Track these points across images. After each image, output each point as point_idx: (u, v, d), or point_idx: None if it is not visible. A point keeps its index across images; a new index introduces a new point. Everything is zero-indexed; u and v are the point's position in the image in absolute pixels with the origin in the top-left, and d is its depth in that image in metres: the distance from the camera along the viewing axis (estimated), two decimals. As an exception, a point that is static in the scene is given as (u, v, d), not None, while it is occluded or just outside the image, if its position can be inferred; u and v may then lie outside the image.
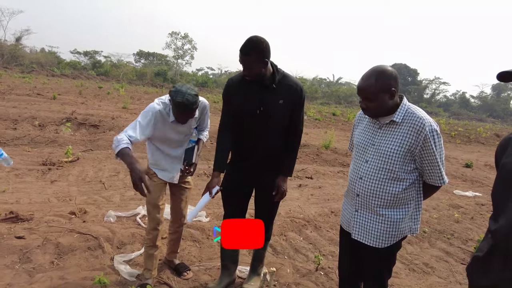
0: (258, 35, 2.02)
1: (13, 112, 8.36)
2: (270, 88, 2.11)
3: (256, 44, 1.98)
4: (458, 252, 3.83)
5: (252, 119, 2.15)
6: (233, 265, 2.58)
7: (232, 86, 2.23)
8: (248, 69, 2.03)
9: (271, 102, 2.11)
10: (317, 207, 4.72)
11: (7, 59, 38.52)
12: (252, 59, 1.99)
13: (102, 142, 7.15)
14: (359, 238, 1.81)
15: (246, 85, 2.14)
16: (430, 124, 1.61)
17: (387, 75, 1.62)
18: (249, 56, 1.99)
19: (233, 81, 2.25)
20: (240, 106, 2.17)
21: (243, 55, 2.00)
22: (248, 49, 1.98)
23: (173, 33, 55.58)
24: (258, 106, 2.11)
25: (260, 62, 2.01)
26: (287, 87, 2.14)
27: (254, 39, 1.99)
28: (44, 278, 2.43)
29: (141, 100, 17.57)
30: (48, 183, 4.57)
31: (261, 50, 1.99)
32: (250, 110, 2.13)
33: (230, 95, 2.24)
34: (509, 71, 1.17)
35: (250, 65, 2.01)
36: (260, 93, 2.11)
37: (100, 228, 3.22)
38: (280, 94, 2.12)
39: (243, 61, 2.02)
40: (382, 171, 1.69)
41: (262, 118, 2.13)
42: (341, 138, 12.24)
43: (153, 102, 2.28)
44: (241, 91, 2.16)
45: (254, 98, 2.11)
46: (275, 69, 2.13)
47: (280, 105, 2.12)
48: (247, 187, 2.42)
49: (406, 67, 65.99)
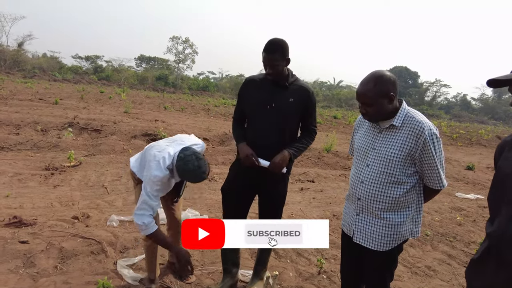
0: (278, 37, 2.19)
1: (16, 117, 8.41)
2: (283, 86, 2.27)
3: (280, 43, 2.16)
4: (460, 255, 3.82)
5: (263, 113, 2.27)
6: (235, 268, 2.59)
7: (251, 82, 2.38)
8: (272, 67, 2.17)
9: (282, 99, 2.26)
10: (319, 210, 4.73)
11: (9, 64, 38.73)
12: (277, 57, 2.14)
13: (104, 147, 7.17)
14: (360, 241, 1.82)
15: (262, 83, 2.31)
16: (430, 128, 1.62)
17: (385, 80, 1.64)
18: (274, 54, 2.14)
19: (252, 78, 2.41)
20: (253, 100, 2.32)
21: (268, 54, 2.15)
22: (273, 48, 2.14)
23: (174, 37, 55.77)
24: (270, 102, 2.25)
25: (283, 60, 2.18)
26: (298, 88, 2.30)
27: (277, 39, 2.18)
28: (48, 282, 2.45)
29: (142, 105, 17.64)
30: (51, 188, 4.60)
31: (285, 49, 2.17)
32: (263, 104, 2.27)
33: (248, 89, 2.38)
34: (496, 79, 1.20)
35: (274, 63, 2.15)
36: (273, 90, 2.27)
37: (103, 232, 3.24)
38: (291, 93, 2.27)
39: (268, 60, 2.16)
40: (383, 175, 1.70)
41: (273, 113, 2.25)
42: (342, 141, 12.25)
43: (156, 160, 2.13)
44: (257, 88, 2.32)
45: (268, 94, 2.27)
46: (289, 72, 2.31)
47: (291, 103, 2.26)
48: (250, 191, 2.44)
49: (407, 69, 65.93)
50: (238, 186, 2.42)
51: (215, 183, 5.53)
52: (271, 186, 2.38)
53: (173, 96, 31.79)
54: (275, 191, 2.40)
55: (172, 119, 12.51)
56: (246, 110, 2.40)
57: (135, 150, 7.18)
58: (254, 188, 2.43)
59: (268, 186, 2.38)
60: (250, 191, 2.44)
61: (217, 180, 5.72)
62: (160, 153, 2.15)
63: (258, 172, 2.30)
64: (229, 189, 2.47)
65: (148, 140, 8.09)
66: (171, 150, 2.18)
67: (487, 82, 1.24)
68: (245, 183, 2.39)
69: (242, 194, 2.44)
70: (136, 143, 7.79)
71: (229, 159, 7.19)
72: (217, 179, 5.78)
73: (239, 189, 2.42)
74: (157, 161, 2.11)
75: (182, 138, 2.40)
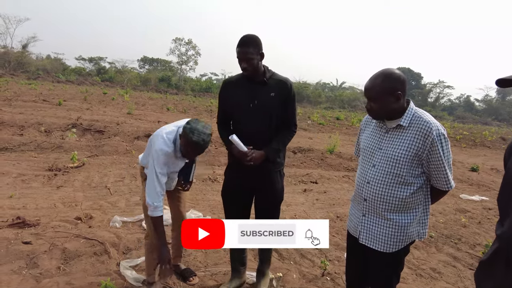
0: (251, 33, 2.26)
1: (20, 118, 8.45)
2: (262, 82, 2.29)
3: (253, 37, 2.22)
4: (466, 257, 3.78)
5: (247, 112, 2.29)
6: (242, 267, 2.62)
7: (229, 84, 2.43)
8: (247, 61, 2.19)
9: (263, 95, 2.28)
10: (322, 212, 4.70)
11: (14, 66, 39.00)
12: (251, 51, 2.17)
13: (107, 148, 7.19)
14: (366, 243, 1.80)
15: (241, 83, 2.34)
16: (438, 128, 1.60)
17: (394, 78, 1.62)
18: (248, 48, 2.17)
19: (229, 80, 2.47)
20: (236, 100, 2.34)
21: (242, 48, 2.18)
22: (247, 41, 2.19)
23: (177, 39, 55.97)
24: (252, 99, 2.28)
25: (257, 54, 2.21)
26: (277, 82, 2.33)
27: (250, 34, 2.23)
28: (51, 283, 2.44)
29: (145, 106, 17.68)
30: (54, 189, 4.60)
31: (258, 43, 2.21)
32: (245, 103, 2.29)
33: (228, 91, 2.41)
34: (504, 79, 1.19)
35: (248, 56, 2.17)
36: (253, 88, 2.30)
37: (106, 233, 3.23)
38: (271, 88, 2.30)
39: (242, 54, 2.18)
40: (389, 175, 1.68)
41: (256, 111, 2.28)
42: (345, 142, 12.20)
43: (160, 135, 2.18)
44: (237, 88, 2.35)
45: (248, 92, 2.29)
46: (265, 68, 2.34)
47: (272, 98, 2.28)
48: (246, 193, 2.46)
49: (410, 71, 65.75)
50: (234, 189, 2.46)
51: (217, 184, 5.52)
52: (266, 184, 2.39)
53: (176, 98, 31.88)
54: (271, 190, 2.41)
55: (175, 120, 12.52)
56: (229, 111, 2.41)
57: (138, 151, 7.19)
58: (250, 189, 2.45)
59: (263, 185, 2.39)
60: (247, 192, 2.46)
61: (220, 181, 5.71)
62: (163, 129, 2.22)
63: (251, 172, 2.31)
64: (226, 193, 2.52)
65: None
66: (173, 127, 2.24)
67: (496, 81, 1.22)
68: (241, 185, 2.42)
69: (240, 197, 2.47)
70: (139, 144, 7.80)
71: (232, 160, 7.18)
72: (220, 180, 5.77)
73: (236, 191, 2.46)
74: (161, 136, 2.17)
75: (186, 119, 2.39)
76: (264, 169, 2.33)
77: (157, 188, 2.14)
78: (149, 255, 2.43)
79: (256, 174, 2.34)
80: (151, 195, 2.14)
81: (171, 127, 2.25)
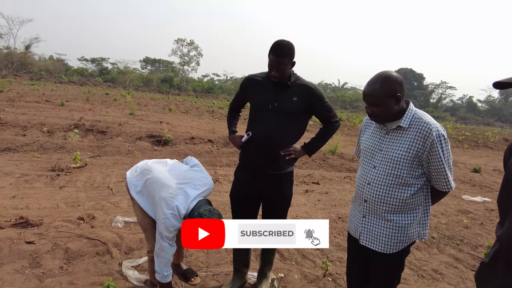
0: (285, 39, 2.17)
1: (23, 118, 8.49)
2: (285, 86, 2.25)
3: (289, 47, 2.13)
4: (468, 259, 3.77)
5: (265, 113, 2.29)
6: (245, 268, 2.63)
7: (252, 81, 2.39)
8: (279, 70, 2.15)
9: (284, 98, 2.25)
10: (324, 212, 4.70)
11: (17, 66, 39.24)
12: (286, 61, 2.13)
13: (110, 148, 7.21)
14: (367, 244, 1.80)
15: (265, 83, 2.30)
16: (437, 129, 1.61)
17: (392, 81, 1.63)
18: (283, 58, 2.11)
19: (254, 76, 2.41)
20: (256, 99, 2.35)
21: (277, 58, 2.12)
22: (283, 52, 2.11)
23: (179, 39, 56.09)
24: (273, 101, 2.25)
25: (291, 64, 2.18)
26: (300, 86, 2.29)
27: (286, 42, 2.14)
28: (54, 283, 2.46)
29: (147, 107, 17.73)
30: (57, 189, 4.62)
31: (293, 53, 2.16)
32: (265, 104, 2.27)
33: (249, 87, 2.41)
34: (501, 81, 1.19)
35: (282, 67, 2.14)
36: (276, 91, 2.26)
37: (108, 233, 3.25)
38: (294, 92, 2.26)
39: (276, 63, 2.13)
40: (390, 176, 1.69)
41: (274, 112, 2.26)
42: (347, 143, 12.19)
43: (171, 206, 2.07)
44: (259, 87, 2.33)
45: (270, 94, 2.27)
46: (291, 72, 2.29)
47: (293, 102, 2.25)
48: (255, 195, 2.44)
49: (412, 71, 65.64)
50: (243, 190, 2.45)
51: (219, 185, 5.53)
52: (275, 188, 2.36)
53: (178, 98, 31.92)
54: (279, 194, 2.39)
55: (177, 121, 12.54)
56: (243, 104, 2.54)
57: (140, 152, 7.22)
58: (259, 192, 2.42)
59: (272, 189, 2.37)
60: (255, 195, 2.43)
61: (222, 182, 5.72)
62: (173, 199, 2.09)
63: (260, 176, 2.32)
64: (234, 195, 2.50)
65: (153, 141, 8.13)
66: (183, 198, 2.11)
67: (493, 84, 1.23)
68: (250, 186, 2.39)
69: (248, 199, 2.44)
70: (141, 144, 7.83)
71: (234, 161, 7.19)
72: (222, 180, 5.78)
73: (245, 193, 2.44)
74: (173, 214, 2.06)
75: (192, 177, 2.25)
76: (273, 174, 2.32)
77: (168, 255, 2.14)
78: (152, 266, 2.41)
79: (265, 178, 2.33)
80: (161, 264, 2.15)
81: (179, 197, 2.11)
